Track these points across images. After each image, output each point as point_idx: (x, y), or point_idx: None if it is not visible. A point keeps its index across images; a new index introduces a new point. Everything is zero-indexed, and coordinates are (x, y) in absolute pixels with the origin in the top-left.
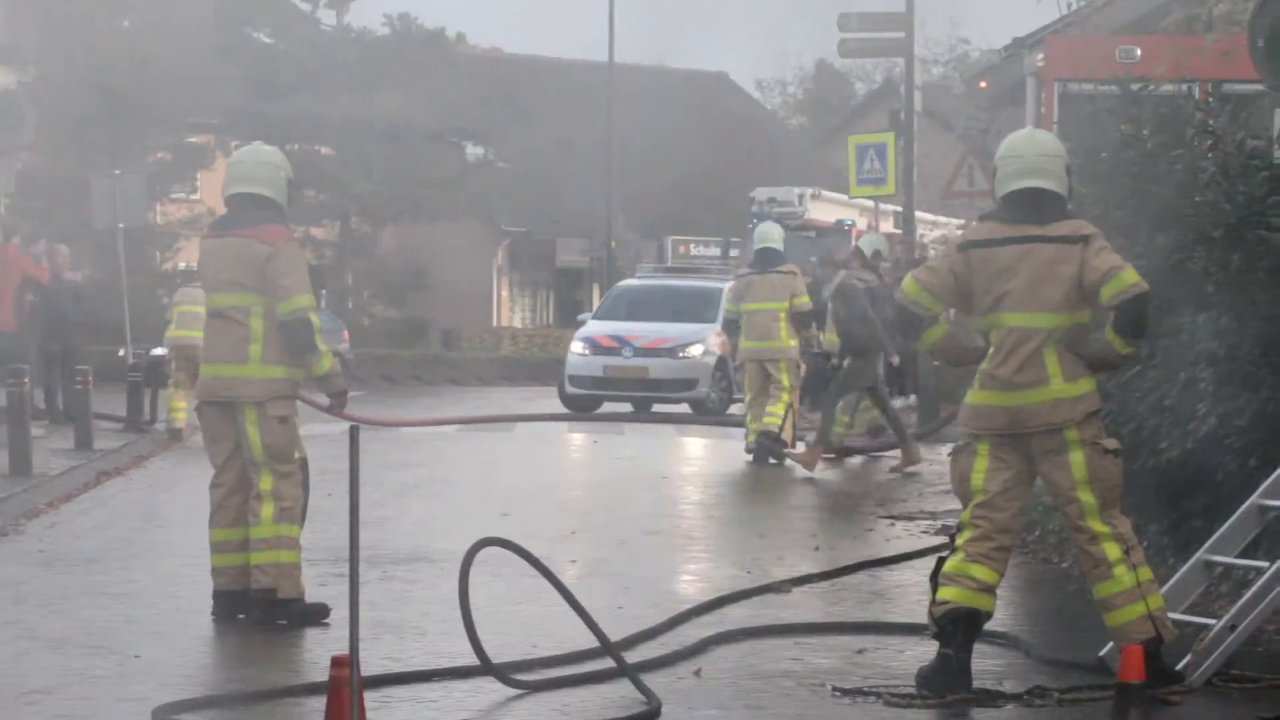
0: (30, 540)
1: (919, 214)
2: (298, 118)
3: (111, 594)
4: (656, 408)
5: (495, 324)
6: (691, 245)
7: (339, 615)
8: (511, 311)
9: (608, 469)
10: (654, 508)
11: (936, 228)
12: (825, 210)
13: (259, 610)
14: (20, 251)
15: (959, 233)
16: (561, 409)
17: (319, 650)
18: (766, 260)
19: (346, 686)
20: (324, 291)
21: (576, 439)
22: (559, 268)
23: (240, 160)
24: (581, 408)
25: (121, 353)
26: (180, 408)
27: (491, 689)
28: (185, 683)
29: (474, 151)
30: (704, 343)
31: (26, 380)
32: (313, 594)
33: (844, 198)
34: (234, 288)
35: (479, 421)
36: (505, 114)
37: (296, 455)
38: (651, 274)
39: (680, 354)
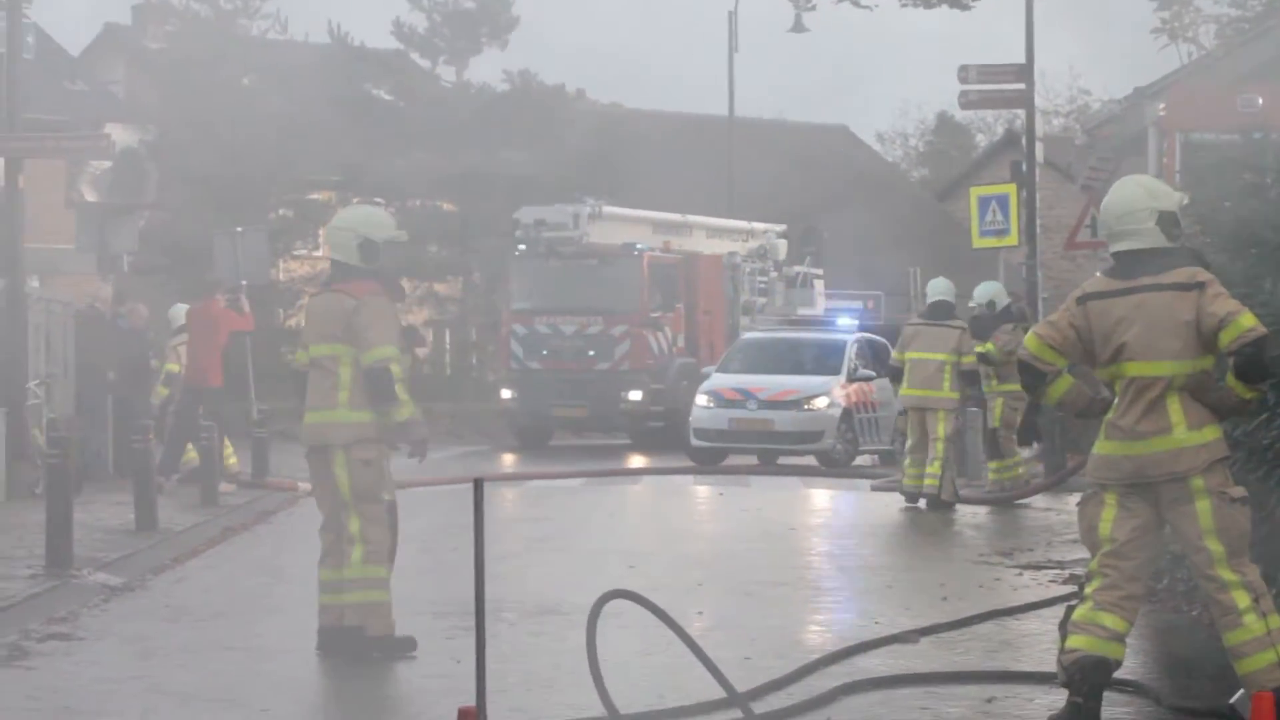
0: (157, 595)
1: (731, 222)
2: (418, 174)
3: (238, 648)
4: (782, 460)
5: None
6: None
7: (467, 667)
8: None
9: (733, 521)
10: (781, 559)
11: (753, 238)
12: (610, 231)
13: (349, 647)
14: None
15: (780, 242)
16: (687, 462)
17: (446, 702)
18: (938, 312)
19: None
20: (422, 350)
21: (702, 491)
22: None
23: (329, 227)
24: (707, 460)
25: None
26: (191, 451)
27: None
28: None
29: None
30: (829, 395)
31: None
32: (441, 646)
33: (636, 213)
34: (327, 339)
35: (605, 475)
36: (626, 168)
37: (385, 498)
38: (775, 327)
39: (805, 406)
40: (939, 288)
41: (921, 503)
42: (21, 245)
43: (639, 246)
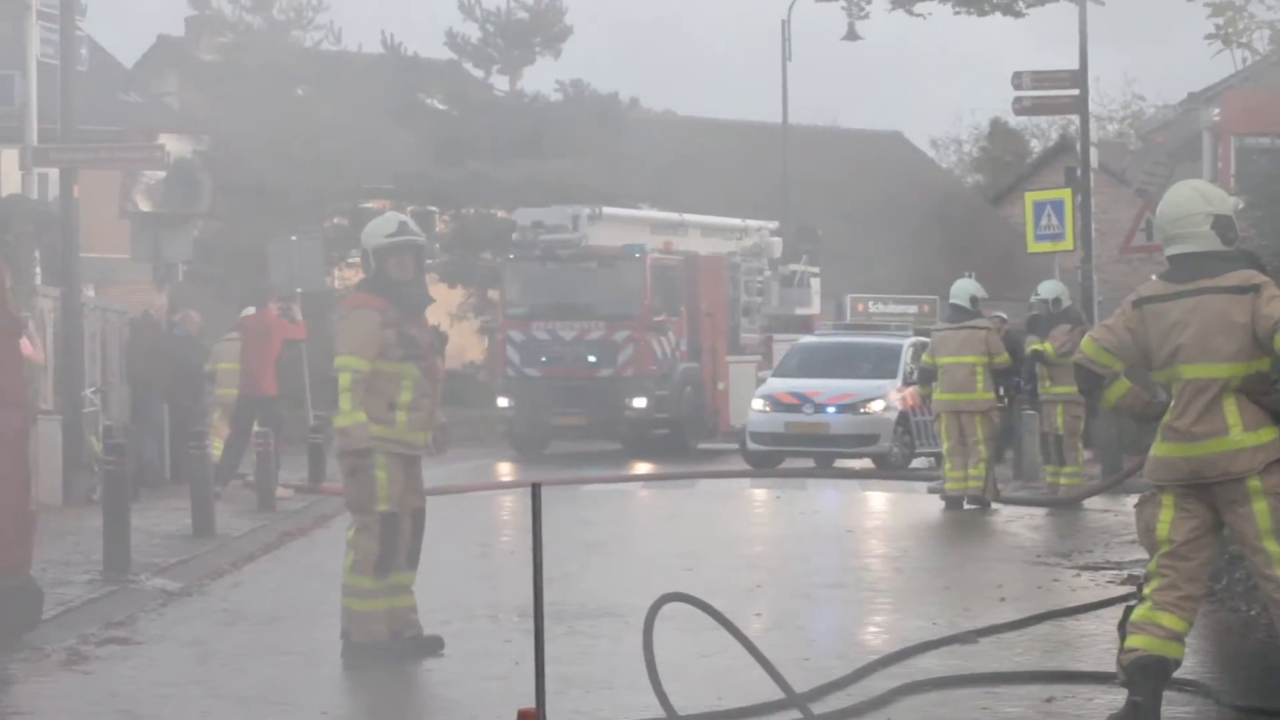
0: (214, 600)
1: (726, 220)
2: (472, 182)
3: (296, 652)
4: (838, 463)
5: None
6: (869, 302)
7: (525, 669)
8: None
9: (791, 524)
10: (838, 560)
11: (746, 236)
12: (609, 233)
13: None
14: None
15: (774, 240)
16: (743, 465)
17: (505, 704)
18: (957, 315)
19: None
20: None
21: (759, 495)
22: None
23: None
24: (763, 464)
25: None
26: (219, 447)
27: None
28: None
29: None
30: (885, 398)
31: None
32: (499, 649)
33: (633, 213)
34: None
35: (662, 479)
36: (680, 176)
37: (379, 508)
38: (831, 331)
39: (861, 409)
40: (958, 290)
41: (966, 504)
42: (77, 255)
43: (641, 248)
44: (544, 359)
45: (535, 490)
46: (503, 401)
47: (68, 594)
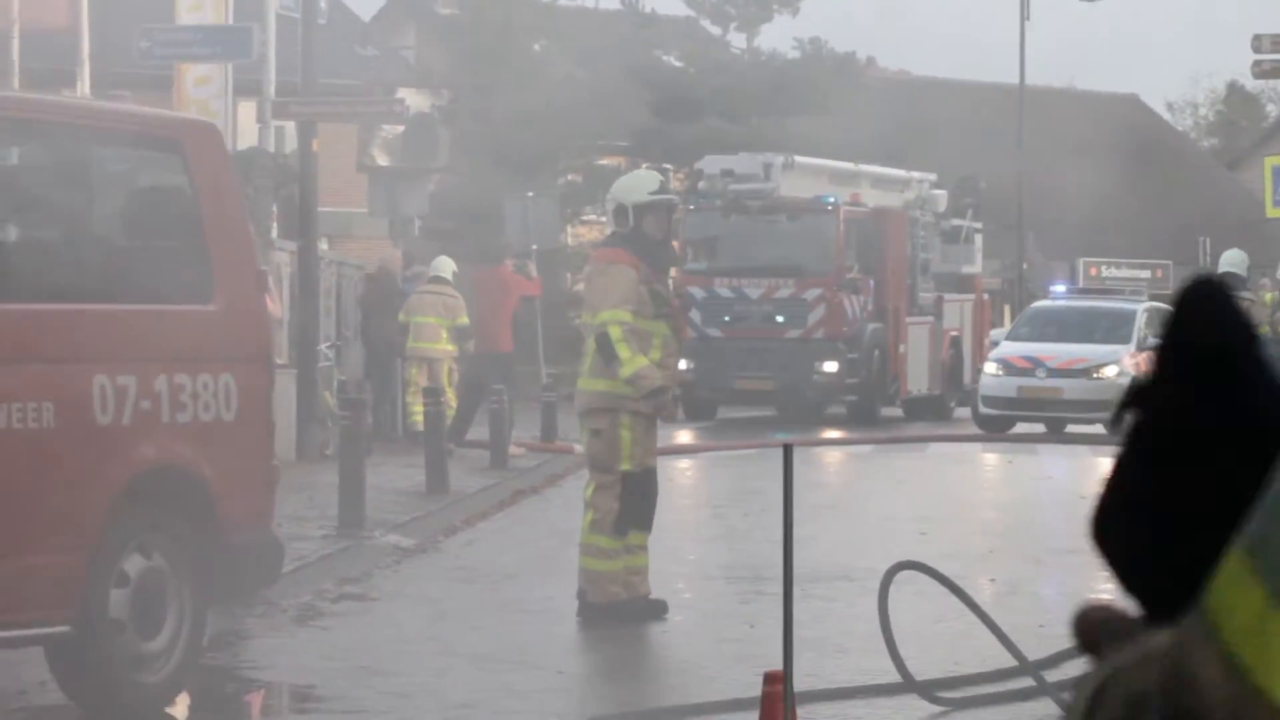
0: (448, 557)
1: (892, 171)
2: (707, 140)
3: (531, 610)
4: (1070, 429)
5: None
6: (1103, 267)
7: (760, 632)
8: None
9: (1023, 489)
10: (1072, 526)
11: (908, 188)
12: (799, 184)
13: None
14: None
15: (937, 193)
16: (974, 429)
17: (741, 666)
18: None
19: (779, 703)
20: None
21: (990, 459)
22: None
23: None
24: (995, 428)
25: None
26: (418, 410)
27: (915, 706)
28: (609, 697)
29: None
30: (1118, 364)
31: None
32: (734, 611)
33: (819, 163)
34: (585, 306)
35: (893, 441)
36: (915, 136)
37: (622, 467)
38: (1065, 295)
39: (1094, 375)
40: (1226, 260)
41: None
42: (315, 209)
43: (833, 199)
44: (727, 318)
45: (787, 452)
46: (681, 364)
47: (303, 549)
